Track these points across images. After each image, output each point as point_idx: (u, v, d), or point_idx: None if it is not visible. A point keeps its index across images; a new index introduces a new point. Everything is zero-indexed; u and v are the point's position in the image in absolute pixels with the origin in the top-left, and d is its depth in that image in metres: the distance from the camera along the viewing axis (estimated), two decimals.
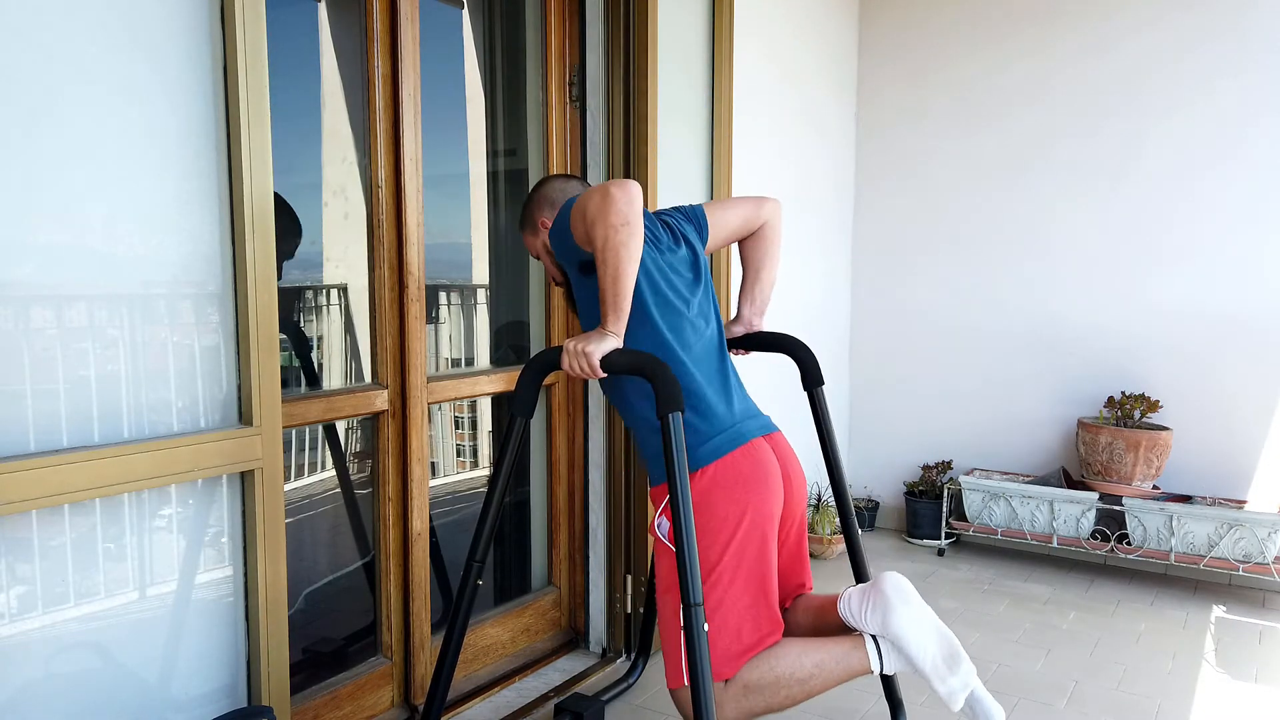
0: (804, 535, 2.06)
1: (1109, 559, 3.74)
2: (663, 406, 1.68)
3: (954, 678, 1.77)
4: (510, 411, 1.90)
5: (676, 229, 2.05)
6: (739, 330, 2.25)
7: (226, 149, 1.61)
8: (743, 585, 1.83)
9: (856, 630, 1.87)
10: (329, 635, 2.34)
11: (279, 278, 1.70)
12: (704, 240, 2.10)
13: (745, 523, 1.83)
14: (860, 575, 2.16)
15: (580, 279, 1.93)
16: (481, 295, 2.72)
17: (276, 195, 2.05)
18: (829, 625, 1.94)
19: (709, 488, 1.84)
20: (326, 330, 2.33)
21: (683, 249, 2.02)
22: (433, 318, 2.51)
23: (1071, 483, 3.72)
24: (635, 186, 1.72)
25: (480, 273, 2.73)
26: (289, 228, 2.18)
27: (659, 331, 1.88)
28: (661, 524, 1.88)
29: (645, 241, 1.90)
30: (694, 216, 2.10)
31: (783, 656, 1.82)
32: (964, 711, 1.85)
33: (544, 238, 2.09)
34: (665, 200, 2.74)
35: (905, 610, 1.79)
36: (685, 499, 1.66)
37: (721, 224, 2.13)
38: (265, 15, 1.62)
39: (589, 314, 1.95)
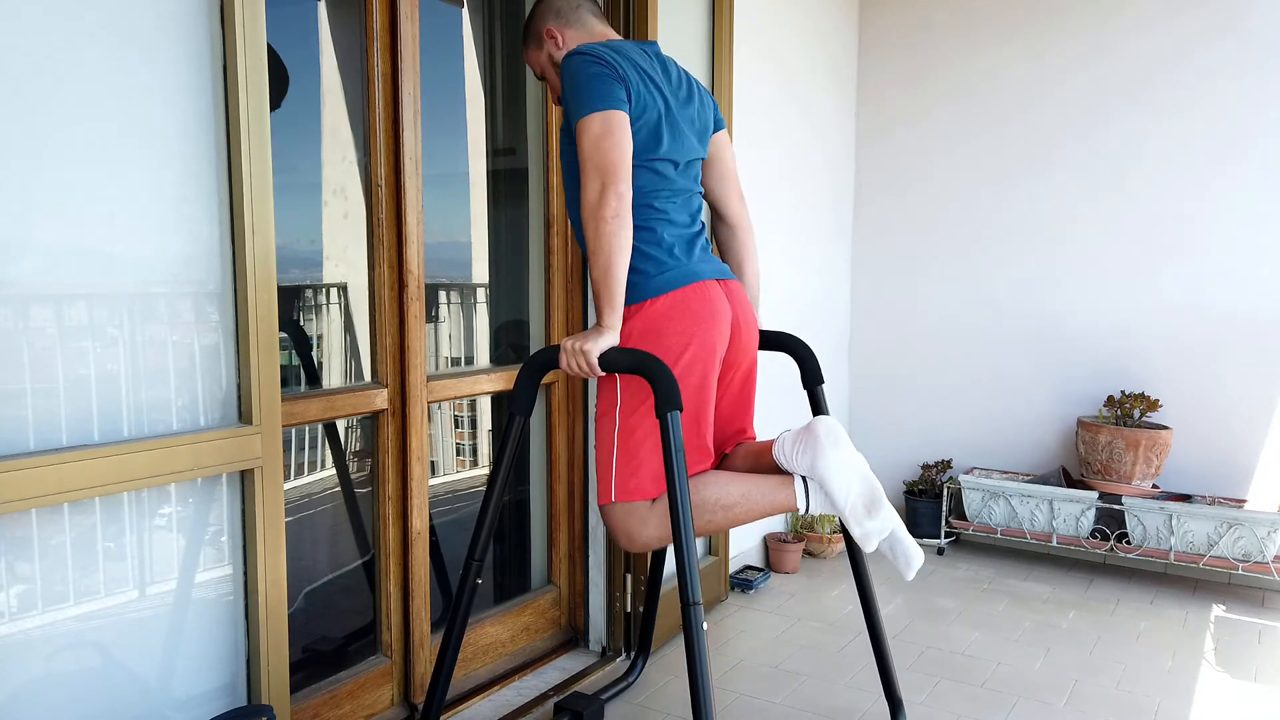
0: (750, 382, 2.11)
1: (1108, 558, 3.74)
2: (661, 406, 1.69)
3: (870, 521, 1.84)
4: (509, 410, 1.90)
5: (700, 100, 2.05)
6: None
7: (226, 148, 1.61)
8: None
9: (789, 471, 1.93)
10: (329, 634, 2.34)
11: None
12: (715, 128, 2.11)
13: (688, 355, 1.88)
14: (859, 572, 2.17)
15: (568, 144, 1.94)
16: (481, 294, 2.72)
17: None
18: (764, 468, 2.00)
19: (656, 317, 1.88)
20: (326, 329, 2.34)
21: (696, 114, 2.02)
22: (432, 317, 2.51)
23: (1071, 482, 3.72)
24: (626, 181, 1.76)
25: (480, 272, 2.73)
26: (276, 73, 2.12)
27: (645, 172, 1.90)
28: None
29: (661, 92, 1.91)
30: (718, 116, 2.13)
31: (710, 483, 1.90)
32: (884, 553, 1.94)
33: (550, 50, 2.03)
34: None
35: (834, 453, 1.85)
36: (685, 500, 1.67)
37: (723, 148, 2.14)
38: (265, 15, 1.62)
39: (571, 174, 1.96)
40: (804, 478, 1.89)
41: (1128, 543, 3.47)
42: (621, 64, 1.84)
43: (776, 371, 3.62)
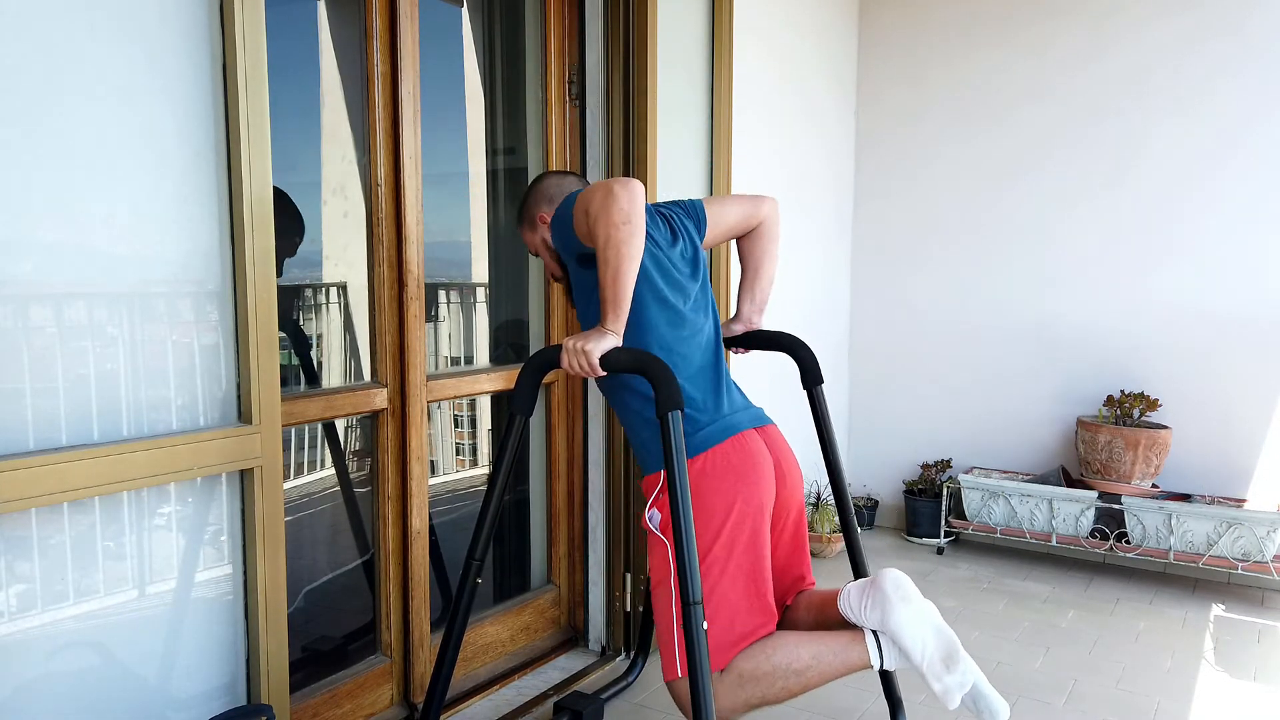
0: (802, 528, 2.05)
1: (1108, 558, 3.75)
2: (662, 406, 1.68)
3: (950, 676, 1.76)
4: (509, 410, 1.90)
5: (675, 223, 2.05)
6: (739, 328, 2.25)
7: (226, 147, 1.61)
8: (734, 575, 1.84)
9: (856, 625, 1.87)
10: (328, 633, 2.34)
11: (279, 275, 1.71)
12: (702, 235, 2.10)
13: (735, 513, 1.84)
14: (859, 573, 2.16)
15: (579, 270, 1.94)
16: (481, 294, 2.72)
17: (279, 191, 2.06)
18: (830, 621, 1.94)
19: (698, 479, 1.85)
20: (326, 328, 2.34)
21: (681, 243, 2.03)
22: (432, 316, 2.51)
23: (1070, 481, 3.72)
24: (638, 185, 1.73)
25: (480, 271, 2.73)
26: (291, 225, 2.18)
27: (653, 327, 1.89)
28: (653, 516, 1.88)
29: (652, 237, 1.92)
30: (693, 211, 2.11)
31: (779, 647, 1.83)
32: (966, 707, 1.84)
33: (543, 233, 2.09)
34: (664, 198, 2.74)
35: (904, 608, 1.79)
36: (685, 498, 1.66)
37: (720, 219, 2.13)
38: (265, 14, 1.62)
39: (586, 306, 1.96)
40: (874, 632, 1.83)
41: (1127, 542, 3.47)
42: None
43: (776, 372, 3.62)
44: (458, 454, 2.82)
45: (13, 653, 1.42)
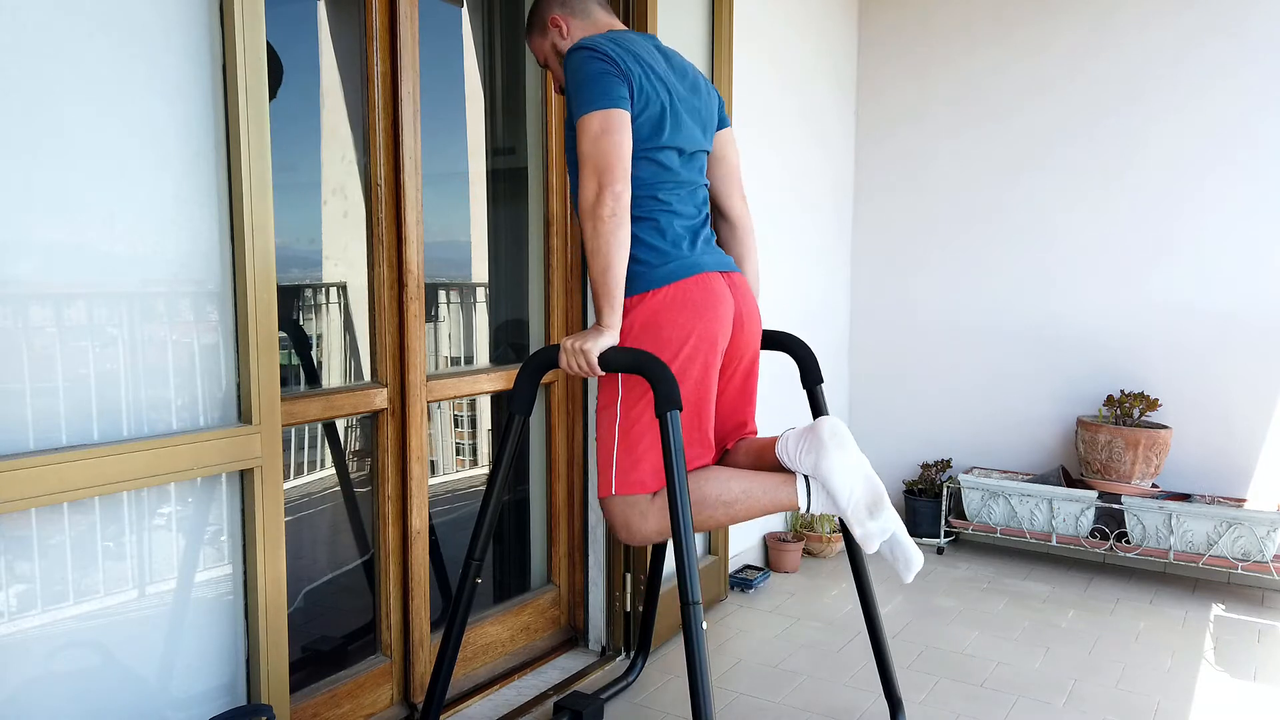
0: (752, 377, 2.11)
1: (1108, 557, 3.75)
2: (661, 405, 1.69)
3: (872, 522, 1.84)
4: (509, 410, 1.90)
5: (702, 81, 2.05)
6: None
7: (225, 147, 1.61)
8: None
9: (791, 470, 1.93)
10: (328, 633, 2.34)
11: None
12: (719, 122, 2.12)
13: (689, 346, 1.88)
14: (858, 573, 2.17)
15: (571, 135, 1.94)
16: (481, 294, 2.72)
17: None
18: (766, 466, 2.01)
19: (659, 308, 1.88)
20: (326, 328, 2.34)
21: (700, 98, 2.02)
22: (432, 316, 2.51)
23: (1070, 481, 3.72)
24: (625, 184, 1.75)
25: (479, 271, 2.73)
26: (270, 64, 2.12)
27: (641, 182, 1.90)
28: None
29: (665, 83, 1.91)
30: (723, 113, 2.14)
31: (711, 478, 1.90)
32: (884, 555, 1.95)
33: (553, 38, 2.03)
34: None
35: (838, 453, 1.85)
36: (684, 500, 1.67)
37: (728, 141, 2.14)
38: (264, 14, 1.62)
39: (575, 164, 1.95)
40: (806, 477, 1.89)
41: (1127, 542, 3.47)
42: (624, 57, 1.83)
43: (777, 371, 3.62)
44: (458, 454, 2.82)
45: (13, 653, 1.42)
